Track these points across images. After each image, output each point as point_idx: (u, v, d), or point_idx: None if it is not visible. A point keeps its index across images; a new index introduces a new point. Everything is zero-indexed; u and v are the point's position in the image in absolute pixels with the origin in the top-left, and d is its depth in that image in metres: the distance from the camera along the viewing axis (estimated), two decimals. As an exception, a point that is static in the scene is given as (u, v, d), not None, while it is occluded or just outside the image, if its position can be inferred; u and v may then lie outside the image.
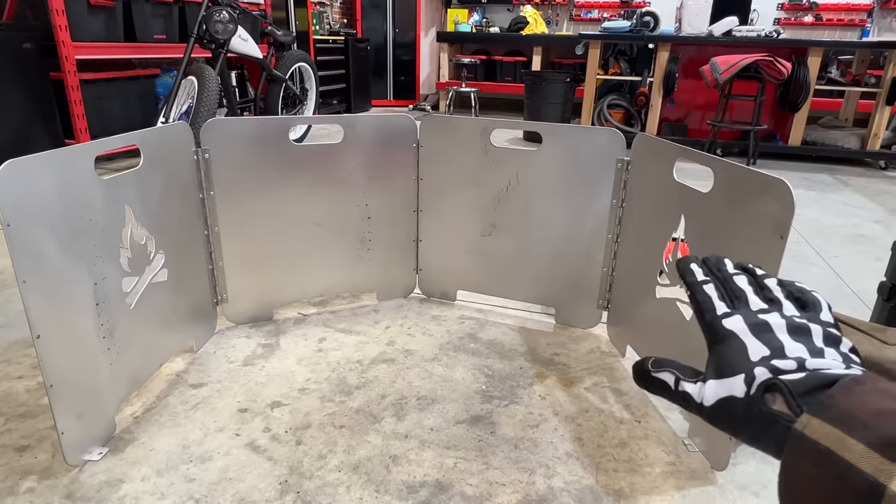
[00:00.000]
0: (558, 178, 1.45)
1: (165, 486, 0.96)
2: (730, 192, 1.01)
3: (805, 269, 2.04)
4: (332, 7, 6.22)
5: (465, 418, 1.16)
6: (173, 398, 1.20)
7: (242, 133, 1.37)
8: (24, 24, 2.81)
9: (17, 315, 1.50)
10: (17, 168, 0.84)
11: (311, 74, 3.97)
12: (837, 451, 0.29)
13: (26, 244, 0.86)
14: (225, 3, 2.94)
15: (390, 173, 1.54)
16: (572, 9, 6.53)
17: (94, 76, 3.05)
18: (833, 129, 4.36)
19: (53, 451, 1.02)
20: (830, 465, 0.29)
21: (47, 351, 0.89)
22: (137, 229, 1.13)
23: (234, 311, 1.49)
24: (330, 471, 1.01)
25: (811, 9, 5.81)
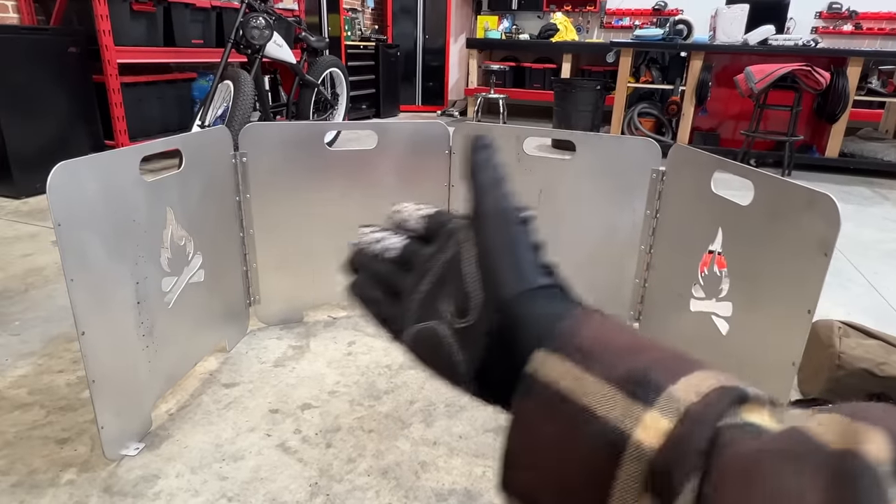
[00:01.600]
0: (592, 187, 1.44)
1: (199, 483, 0.98)
2: (771, 205, 0.99)
3: (844, 286, 1.98)
4: (363, 13, 6.30)
5: (494, 427, 1.16)
6: (207, 397, 1.22)
7: (279, 137, 1.39)
8: (70, 28, 2.91)
9: (59, 310, 1.55)
10: (68, 170, 0.87)
11: (343, 80, 4.02)
12: (574, 393, 0.23)
13: (75, 243, 0.89)
14: (261, 10, 3.00)
15: (422, 179, 1.55)
16: (603, 16, 6.49)
17: (134, 79, 3.15)
18: (872, 141, 4.24)
19: (92, 445, 1.05)
20: (565, 410, 0.23)
21: (91, 347, 0.92)
22: (177, 230, 1.16)
23: (266, 312, 1.52)
24: (359, 475, 1.01)
25: (851, 17, 5.67)
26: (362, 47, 5.71)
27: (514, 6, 6.55)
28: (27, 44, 2.58)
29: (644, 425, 0.21)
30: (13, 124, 2.54)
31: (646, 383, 0.22)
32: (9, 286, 1.70)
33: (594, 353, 0.24)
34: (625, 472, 0.21)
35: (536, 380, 0.24)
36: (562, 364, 0.24)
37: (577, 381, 0.23)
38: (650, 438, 0.21)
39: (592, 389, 0.23)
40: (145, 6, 3.08)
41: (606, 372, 0.23)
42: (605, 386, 0.22)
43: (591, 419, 0.22)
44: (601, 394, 0.22)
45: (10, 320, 1.50)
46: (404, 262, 0.34)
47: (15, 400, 1.18)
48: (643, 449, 0.21)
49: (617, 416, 0.22)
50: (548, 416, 0.24)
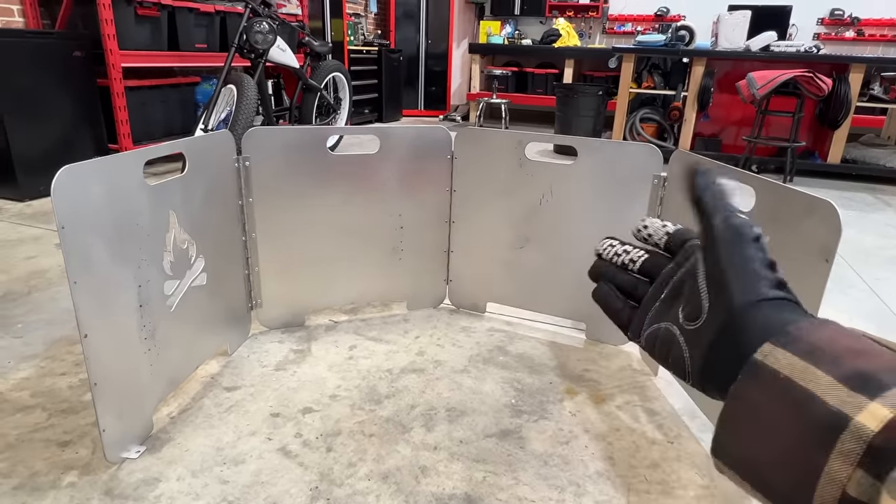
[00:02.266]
0: (593, 193, 1.44)
1: (200, 486, 0.98)
2: (772, 211, 1.00)
3: (845, 292, 1.98)
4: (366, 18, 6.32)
5: (495, 432, 1.16)
6: (208, 400, 1.22)
7: (282, 142, 1.40)
8: (75, 32, 2.93)
9: (62, 313, 1.56)
10: (72, 173, 0.87)
11: (345, 84, 4.03)
12: (800, 381, 0.26)
13: (79, 246, 0.89)
14: (265, 15, 3.01)
15: (424, 184, 1.56)
16: (605, 22, 6.51)
17: (138, 83, 3.16)
18: (874, 148, 4.24)
19: (94, 448, 1.05)
20: (789, 394, 0.26)
21: (93, 350, 0.92)
22: (180, 234, 1.16)
23: (268, 316, 1.52)
24: (360, 479, 1.01)
25: (853, 24, 5.68)
26: (365, 52, 5.73)
27: (517, 11, 6.57)
28: (32, 47, 2.59)
29: (867, 412, 0.24)
30: (18, 127, 2.56)
31: (872, 380, 0.24)
32: (12, 288, 1.70)
33: (821, 351, 0.27)
34: (842, 447, 0.24)
35: (764, 366, 0.28)
36: (789, 357, 0.27)
37: (803, 371, 0.26)
38: (871, 422, 0.23)
39: (818, 380, 0.26)
40: (150, 11, 3.10)
41: (833, 369, 0.26)
42: (830, 379, 0.25)
43: (815, 402, 0.25)
44: (826, 384, 0.25)
45: (13, 322, 1.50)
46: (645, 272, 0.40)
47: (17, 402, 1.18)
48: (864, 430, 0.23)
49: (841, 402, 0.24)
50: (773, 397, 0.27)
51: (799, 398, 0.26)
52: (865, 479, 0.23)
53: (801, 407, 0.26)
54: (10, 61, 2.49)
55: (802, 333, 0.28)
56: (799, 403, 0.26)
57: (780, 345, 0.28)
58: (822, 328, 0.28)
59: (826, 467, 0.24)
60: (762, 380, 0.28)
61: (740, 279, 0.32)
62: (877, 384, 0.24)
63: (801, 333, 0.28)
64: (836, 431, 0.24)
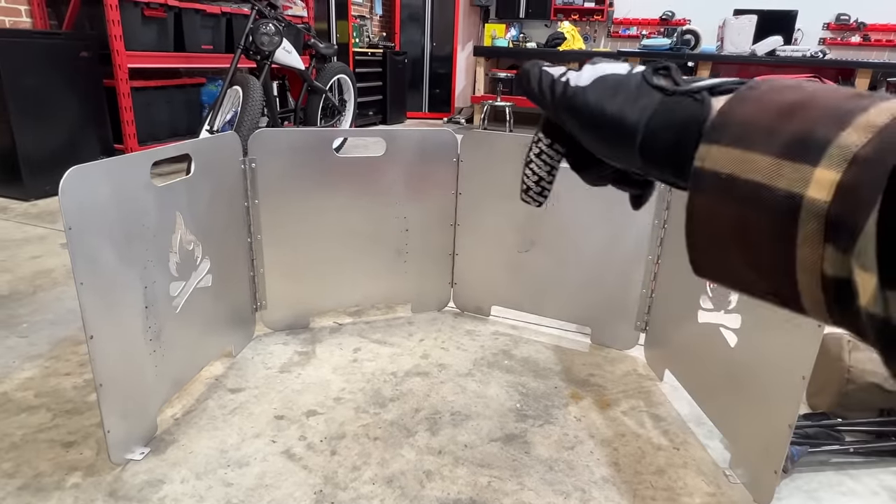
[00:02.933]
0: (599, 197, 1.43)
1: (204, 489, 0.98)
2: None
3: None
4: (371, 20, 6.34)
5: (500, 436, 1.15)
6: (212, 402, 1.22)
7: (288, 144, 1.40)
8: (82, 33, 2.94)
9: (67, 313, 1.56)
10: (80, 174, 0.87)
11: (350, 86, 4.04)
12: (742, 174, 0.24)
13: (85, 247, 0.89)
14: (271, 16, 3.02)
15: (429, 187, 1.55)
16: (610, 25, 6.50)
17: (144, 84, 3.17)
18: (880, 153, 4.23)
19: (98, 449, 1.05)
20: (738, 192, 0.24)
21: (99, 351, 0.92)
22: (186, 235, 1.16)
23: (273, 317, 1.52)
24: (364, 483, 1.01)
25: (859, 29, 5.66)
26: (370, 54, 5.74)
27: (522, 15, 6.58)
28: (39, 48, 2.60)
29: (815, 183, 0.22)
30: (24, 127, 2.56)
31: (810, 142, 0.22)
32: (17, 288, 1.70)
33: (752, 127, 0.25)
34: (803, 231, 0.22)
35: (704, 171, 0.26)
36: (723, 150, 0.25)
37: (741, 162, 0.24)
38: (821, 193, 0.22)
39: (758, 165, 0.24)
40: (156, 12, 3.10)
41: (769, 145, 0.24)
42: (769, 159, 0.23)
43: (763, 192, 0.23)
44: (767, 166, 0.23)
45: (17, 322, 1.51)
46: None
47: (22, 402, 1.18)
48: (817, 205, 0.22)
49: (788, 182, 0.22)
50: (722, 201, 0.25)
51: (748, 193, 0.24)
52: (836, 255, 0.21)
53: (753, 202, 0.24)
54: (17, 61, 2.50)
55: (727, 117, 0.26)
56: (750, 199, 0.24)
57: (712, 141, 0.26)
58: (745, 100, 0.26)
59: (797, 256, 0.23)
60: (707, 187, 0.26)
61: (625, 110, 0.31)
62: (816, 144, 0.22)
63: (725, 118, 0.26)
64: (793, 215, 0.22)
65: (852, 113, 0.22)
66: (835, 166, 0.22)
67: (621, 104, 0.31)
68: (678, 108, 0.29)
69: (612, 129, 0.32)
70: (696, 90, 0.29)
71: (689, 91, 0.29)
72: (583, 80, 0.34)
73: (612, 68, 0.34)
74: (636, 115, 0.31)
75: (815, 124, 0.23)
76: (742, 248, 0.25)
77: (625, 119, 0.31)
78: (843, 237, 0.21)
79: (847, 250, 0.21)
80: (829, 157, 0.22)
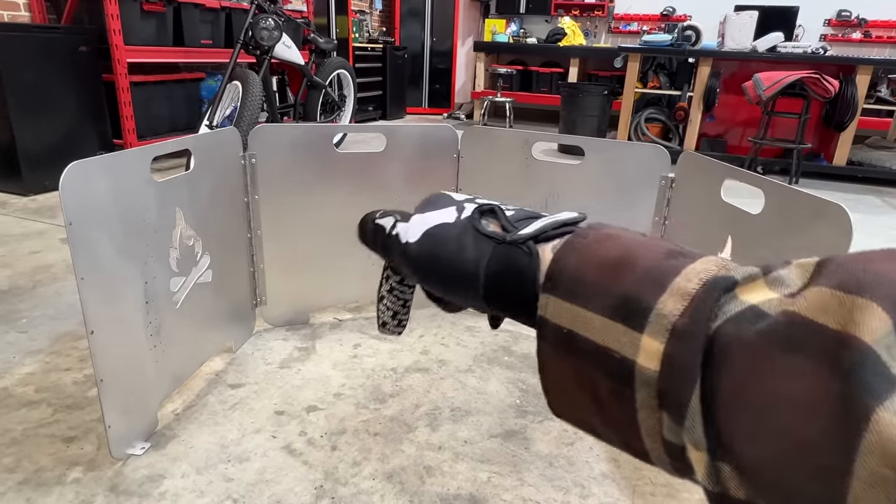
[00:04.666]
0: (600, 193, 1.43)
1: (204, 484, 0.98)
2: (782, 214, 0.99)
3: (851, 295, 1.97)
4: (371, 15, 6.32)
5: (500, 432, 1.15)
6: (212, 397, 1.22)
7: (289, 139, 1.39)
8: (81, 27, 2.92)
9: (66, 308, 1.56)
10: (80, 169, 0.87)
11: (350, 81, 4.03)
12: (580, 331, 0.25)
13: (86, 243, 0.89)
14: (271, 11, 3.01)
15: (430, 182, 1.55)
16: (611, 21, 6.49)
17: (143, 79, 3.16)
18: (881, 150, 4.22)
19: (98, 444, 1.05)
20: (579, 348, 0.25)
21: (100, 346, 0.92)
22: (186, 230, 1.16)
23: (272, 313, 1.52)
24: (364, 478, 1.01)
25: (860, 25, 5.66)
26: (370, 49, 5.72)
27: (522, 10, 6.56)
28: (38, 42, 2.59)
29: (643, 351, 0.22)
30: (23, 122, 2.56)
31: (633, 305, 0.23)
32: (17, 283, 1.70)
33: (582, 283, 0.25)
34: (640, 396, 0.23)
35: (547, 323, 0.26)
36: (560, 304, 0.26)
37: (576, 318, 0.25)
38: (650, 363, 0.22)
39: (592, 324, 0.24)
40: (155, 6, 3.09)
41: (599, 302, 0.24)
42: (601, 319, 0.24)
43: (600, 353, 0.24)
44: (601, 326, 0.24)
45: (17, 317, 1.51)
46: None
47: (22, 397, 1.18)
48: (647, 374, 0.22)
49: (621, 347, 0.23)
50: (567, 356, 0.26)
51: (589, 352, 0.24)
52: (672, 425, 0.22)
53: (594, 362, 0.24)
54: (15, 56, 2.49)
55: (559, 267, 0.27)
56: (591, 358, 0.24)
57: (547, 290, 0.27)
58: (572, 251, 0.27)
59: (639, 420, 0.23)
60: (552, 339, 0.26)
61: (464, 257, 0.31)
62: (639, 309, 0.23)
63: (558, 268, 0.27)
64: (629, 380, 0.23)
65: (668, 276, 0.23)
66: (658, 335, 0.22)
67: (456, 257, 0.31)
68: (511, 256, 0.29)
69: (451, 279, 0.32)
70: (521, 240, 0.29)
71: (516, 241, 0.30)
72: (411, 234, 0.34)
73: (438, 217, 0.33)
74: (472, 266, 0.31)
75: (637, 286, 0.24)
76: (592, 403, 0.26)
77: (462, 270, 0.31)
78: (674, 410, 0.21)
79: (679, 423, 0.21)
80: (651, 324, 0.22)
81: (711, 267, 0.23)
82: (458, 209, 0.33)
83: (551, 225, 0.30)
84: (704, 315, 0.21)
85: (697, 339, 0.21)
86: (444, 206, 0.34)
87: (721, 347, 0.20)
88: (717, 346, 0.20)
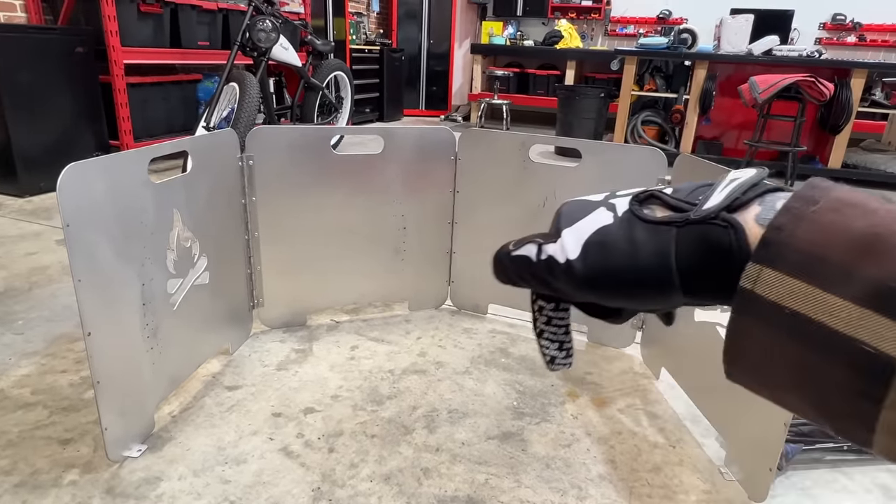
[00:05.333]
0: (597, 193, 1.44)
1: (201, 486, 0.98)
2: (777, 217, 0.99)
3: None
4: (369, 17, 6.32)
5: (497, 434, 1.16)
6: (209, 399, 1.22)
7: (286, 141, 1.39)
8: (78, 28, 2.92)
9: (63, 310, 1.55)
10: (77, 171, 0.87)
11: (347, 83, 4.03)
12: (815, 315, 0.21)
13: (83, 244, 0.89)
14: (268, 13, 3.01)
15: (427, 185, 1.55)
16: (607, 24, 6.51)
17: (140, 80, 3.16)
18: (875, 153, 4.25)
19: (95, 446, 1.05)
20: (807, 334, 0.22)
21: (97, 348, 0.92)
22: (183, 232, 1.16)
23: (270, 315, 1.52)
24: (362, 480, 1.01)
25: (855, 29, 5.69)
26: (367, 51, 5.73)
27: (519, 12, 6.57)
28: (35, 43, 2.58)
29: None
30: (19, 123, 2.55)
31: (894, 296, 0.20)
32: (13, 285, 1.70)
33: (821, 260, 0.22)
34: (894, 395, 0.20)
35: (760, 298, 0.23)
36: (783, 279, 0.22)
37: (811, 299, 0.22)
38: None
39: (836, 310, 0.21)
40: (152, 7, 3.09)
41: (847, 287, 0.21)
42: (850, 306, 0.21)
43: (847, 343, 0.21)
44: (849, 315, 0.21)
45: (13, 319, 1.50)
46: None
47: (18, 400, 1.18)
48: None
49: (878, 338, 0.20)
50: (783, 338, 0.23)
51: (823, 339, 0.21)
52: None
53: (830, 351, 0.21)
54: (11, 57, 2.48)
55: (782, 237, 0.23)
56: (825, 347, 0.21)
57: (765, 262, 0.23)
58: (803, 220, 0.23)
59: (881, 417, 0.21)
60: (764, 316, 0.23)
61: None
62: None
63: (780, 238, 0.23)
64: (884, 377, 0.20)
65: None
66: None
67: (635, 258, 0.27)
68: (707, 236, 0.26)
69: (635, 284, 0.28)
70: (713, 214, 0.26)
71: (707, 217, 0.26)
72: (570, 251, 0.30)
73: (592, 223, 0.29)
74: (657, 262, 0.27)
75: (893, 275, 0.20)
76: (801, 387, 0.23)
77: (646, 270, 0.27)
78: None
79: None
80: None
81: None
82: (609, 207, 0.29)
83: (740, 188, 0.26)
84: None
85: None
86: (590, 210, 0.30)
87: None
88: None
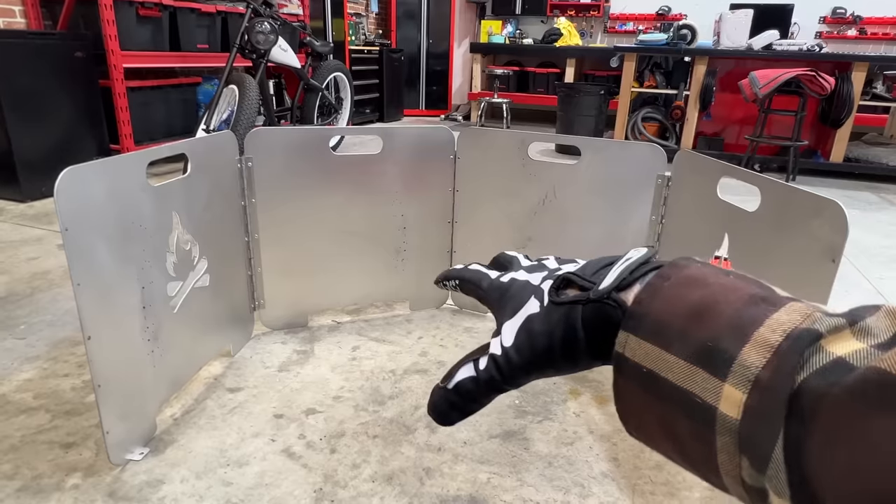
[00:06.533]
0: (596, 193, 1.44)
1: (204, 488, 0.98)
2: (778, 212, 0.99)
3: (849, 291, 1.98)
4: (367, 18, 6.32)
5: (499, 433, 1.15)
6: (211, 401, 1.22)
7: (285, 142, 1.39)
8: (77, 33, 2.92)
9: (64, 314, 1.56)
10: (76, 175, 0.87)
11: (347, 84, 4.03)
12: (661, 372, 0.26)
13: (82, 248, 0.89)
14: (267, 15, 3.01)
15: (427, 184, 1.55)
16: (607, 21, 6.50)
17: (140, 84, 3.16)
18: (877, 146, 4.23)
19: (97, 450, 1.05)
20: (659, 389, 0.26)
21: (97, 352, 0.92)
22: (183, 235, 1.16)
23: (271, 316, 1.52)
24: (364, 481, 1.01)
25: (855, 22, 5.67)
26: (366, 52, 5.73)
27: (518, 11, 6.57)
28: (34, 48, 2.59)
29: (725, 399, 0.23)
30: (19, 128, 2.55)
31: (716, 353, 0.24)
32: (14, 289, 1.70)
33: (665, 326, 0.26)
34: (720, 441, 0.24)
35: (628, 360, 0.28)
36: (641, 344, 0.27)
37: (658, 360, 0.26)
38: (732, 411, 0.23)
39: (674, 368, 0.25)
40: (151, 11, 3.09)
41: (682, 347, 0.25)
42: (683, 364, 0.25)
43: (681, 395, 0.25)
44: (682, 371, 0.25)
45: (15, 324, 1.50)
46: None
47: (20, 404, 1.18)
48: (729, 421, 0.23)
49: (702, 392, 0.24)
50: (645, 394, 0.27)
51: (669, 393, 0.26)
52: (752, 471, 0.22)
53: (674, 403, 0.25)
54: (11, 62, 2.49)
55: (641, 308, 0.28)
56: (671, 399, 0.26)
57: (629, 329, 0.28)
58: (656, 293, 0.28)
59: (718, 461, 0.24)
60: (631, 376, 0.28)
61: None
62: (722, 358, 0.24)
63: (640, 309, 0.28)
64: (710, 425, 0.24)
65: (751, 325, 0.24)
66: (740, 385, 0.23)
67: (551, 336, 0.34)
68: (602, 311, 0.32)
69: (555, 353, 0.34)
70: (605, 294, 0.31)
71: (600, 298, 0.32)
72: (505, 339, 0.36)
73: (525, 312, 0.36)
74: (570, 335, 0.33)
75: (720, 334, 0.24)
76: (670, 438, 0.27)
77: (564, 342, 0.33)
78: (756, 458, 0.22)
79: (761, 471, 0.22)
80: (734, 374, 0.23)
81: (796, 317, 0.23)
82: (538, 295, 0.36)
83: (628, 269, 0.31)
84: (788, 369, 0.22)
85: (781, 393, 0.21)
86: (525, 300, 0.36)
87: (808, 402, 0.20)
88: (803, 400, 0.21)
